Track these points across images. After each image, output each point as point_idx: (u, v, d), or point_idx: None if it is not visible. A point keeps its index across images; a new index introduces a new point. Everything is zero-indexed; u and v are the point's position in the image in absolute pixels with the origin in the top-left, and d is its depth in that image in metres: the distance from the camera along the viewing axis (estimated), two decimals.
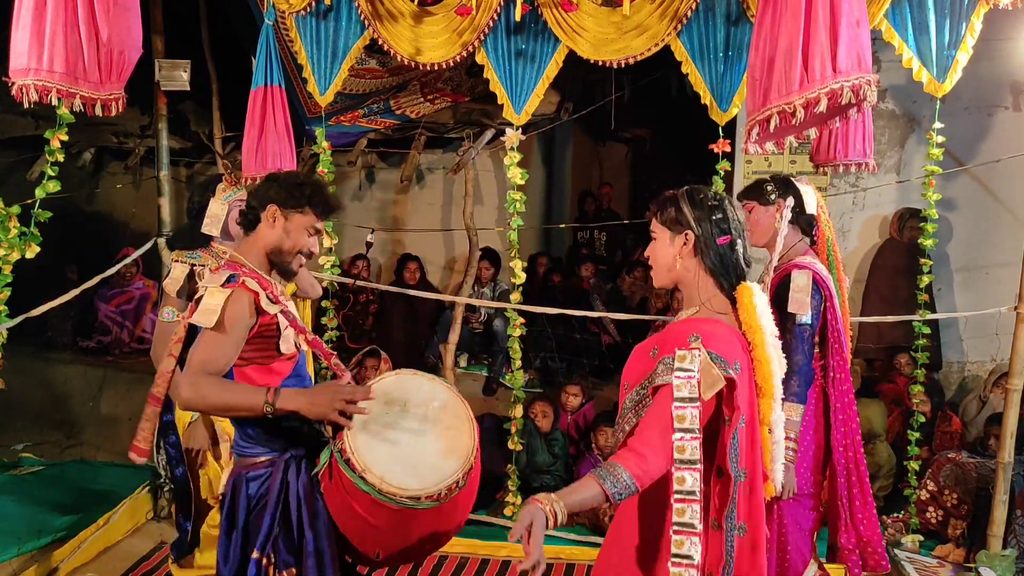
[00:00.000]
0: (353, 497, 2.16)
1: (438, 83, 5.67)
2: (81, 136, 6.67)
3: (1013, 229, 5.36)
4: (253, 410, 2.16)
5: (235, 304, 2.20)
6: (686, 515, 1.83)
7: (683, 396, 1.85)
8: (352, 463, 2.10)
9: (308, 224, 2.37)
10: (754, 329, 1.99)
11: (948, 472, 4.07)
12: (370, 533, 2.25)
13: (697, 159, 4.86)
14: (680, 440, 1.84)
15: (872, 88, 2.42)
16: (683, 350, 1.88)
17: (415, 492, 2.10)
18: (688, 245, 2.04)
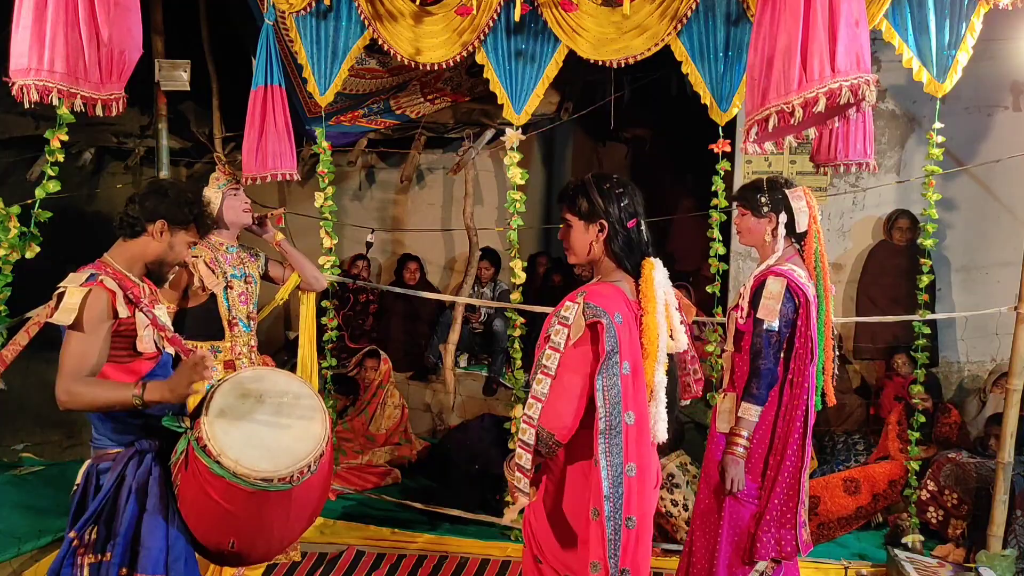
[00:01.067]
0: (208, 483, 2.24)
1: (438, 83, 5.67)
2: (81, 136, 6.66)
3: (1013, 229, 5.36)
4: (124, 404, 2.25)
5: (93, 302, 2.29)
6: (526, 435, 2.12)
7: (554, 341, 2.13)
8: (208, 448, 2.21)
9: (189, 239, 2.53)
10: (648, 298, 2.21)
11: (948, 472, 4.07)
12: (225, 520, 2.33)
13: (697, 159, 4.86)
14: (539, 374, 2.13)
15: (871, 88, 2.42)
16: (570, 302, 2.16)
17: (268, 474, 2.21)
18: (603, 232, 2.26)
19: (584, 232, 2.29)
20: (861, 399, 5.59)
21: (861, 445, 4.87)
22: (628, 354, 2.14)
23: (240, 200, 3.37)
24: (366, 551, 4.14)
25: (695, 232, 6.58)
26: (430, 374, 6.22)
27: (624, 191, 2.27)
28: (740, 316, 3.01)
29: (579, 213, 2.29)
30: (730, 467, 2.92)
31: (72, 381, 2.25)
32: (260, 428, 2.32)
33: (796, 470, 2.97)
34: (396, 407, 5.45)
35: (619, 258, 2.27)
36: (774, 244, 3.00)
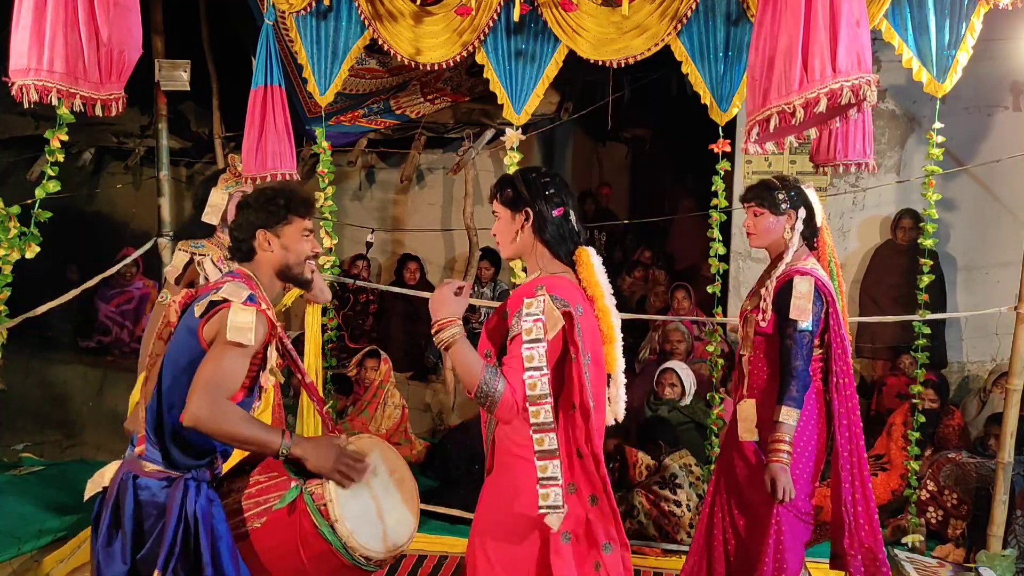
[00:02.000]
0: (306, 541, 2.18)
1: (438, 83, 5.68)
2: (81, 136, 6.67)
3: (1013, 229, 5.36)
4: (267, 448, 2.15)
5: (259, 325, 2.18)
6: (545, 444, 2.06)
7: (531, 338, 2.08)
8: (326, 511, 2.16)
9: (299, 231, 2.38)
10: (593, 284, 2.23)
11: (948, 472, 4.06)
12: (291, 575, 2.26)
13: (697, 159, 4.86)
14: (530, 378, 2.06)
15: (872, 88, 2.42)
16: (531, 299, 2.12)
17: (372, 553, 2.21)
18: (529, 221, 2.25)
19: (510, 222, 2.29)
20: (861, 398, 5.58)
21: None
22: (590, 345, 2.17)
23: None
24: None
25: (695, 232, 6.57)
26: (430, 374, 6.22)
27: (550, 181, 2.28)
28: (762, 319, 2.91)
29: (504, 202, 2.29)
30: (781, 475, 2.73)
31: (219, 398, 2.09)
32: (371, 504, 2.28)
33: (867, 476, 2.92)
34: (396, 407, 5.45)
35: (551, 247, 2.26)
36: (791, 242, 2.92)
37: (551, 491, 2.04)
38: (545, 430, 2.06)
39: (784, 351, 2.83)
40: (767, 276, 2.98)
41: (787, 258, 2.93)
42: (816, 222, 2.97)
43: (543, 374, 2.06)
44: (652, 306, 6.83)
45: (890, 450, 4.47)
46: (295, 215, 2.36)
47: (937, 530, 4.13)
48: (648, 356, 5.92)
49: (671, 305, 6.13)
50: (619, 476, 4.56)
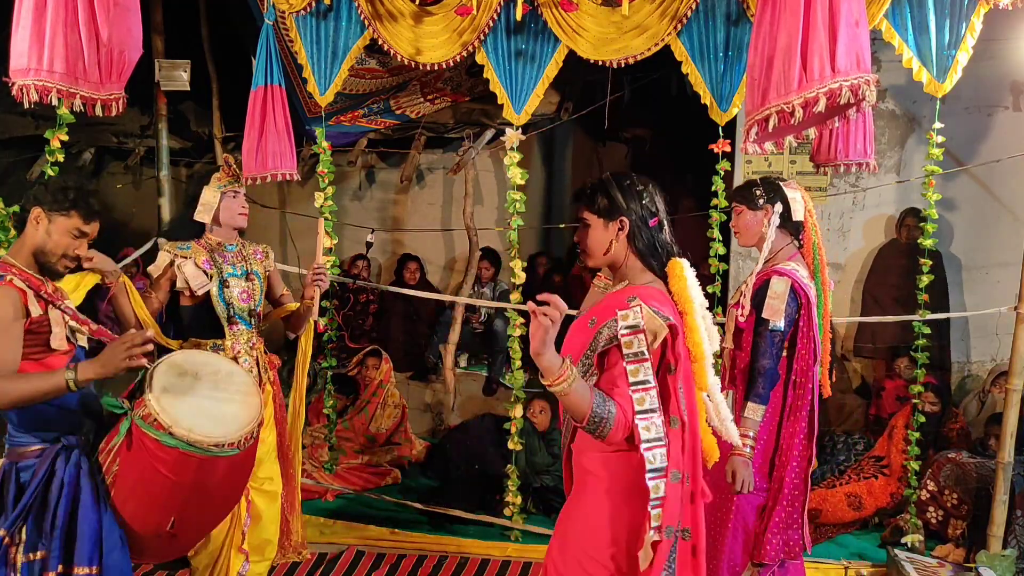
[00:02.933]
0: (157, 458, 2.29)
1: (438, 83, 5.67)
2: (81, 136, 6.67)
3: (1013, 229, 5.36)
4: (57, 390, 2.26)
5: (3, 301, 2.30)
6: (656, 461, 1.96)
7: (632, 352, 1.98)
8: (158, 422, 2.27)
9: (71, 227, 2.45)
10: (685, 299, 2.11)
11: (948, 472, 4.06)
12: (171, 496, 2.37)
13: (697, 159, 4.85)
14: (636, 393, 1.97)
15: (871, 88, 2.42)
16: (625, 310, 2.02)
17: (220, 439, 2.33)
18: (624, 231, 2.16)
19: (603, 230, 2.18)
20: (861, 399, 5.59)
21: (861, 445, 4.87)
22: (685, 361, 2.08)
23: (238, 203, 3.35)
24: (366, 551, 4.14)
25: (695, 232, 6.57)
26: (430, 374, 6.22)
27: (645, 189, 2.18)
28: (741, 314, 3.00)
29: (598, 211, 2.18)
30: (740, 469, 2.86)
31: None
32: (203, 401, 2.42)
33: (802, 471, 2.98)
34: (396, 407, 5.45)
35: (644, 258, 2.16)
36: (768, 235, 3.00)
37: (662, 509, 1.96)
38: (656, 446, 1.97)
39: (754, 348, 2.92)
40: (752, 273, 3.06)
41: (764, 252, 3.01)
42: (795, 217, 3.01)
43: (650, 387, 1.98)
44: None
45: (890, 453, 4.46)
46: (76, 211, 2.45)
47: (937, 530, 4.12)
48: None
49: None
50: None
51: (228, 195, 3.33)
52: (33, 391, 2.26)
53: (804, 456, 2.97)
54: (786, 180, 3.08)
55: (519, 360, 4.21)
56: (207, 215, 3.30)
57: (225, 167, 3.39)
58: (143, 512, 2.41)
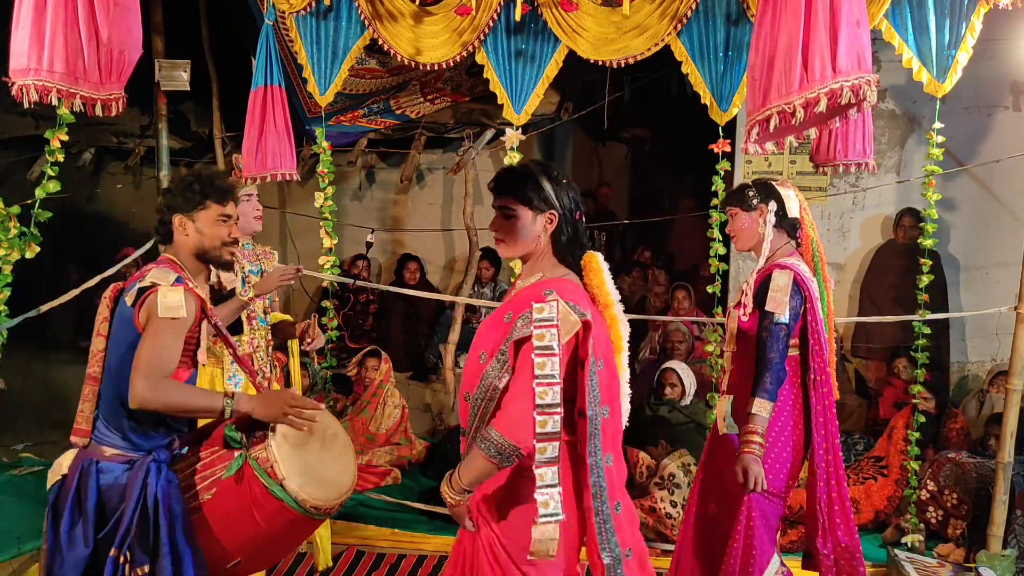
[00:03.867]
0: (258, 503, 2.28)
1: (438, 83, 5.67)
2: (81, 136, 6.67)
3: (1013, 229, 5.36)
4: (211, 412, 2.26)
5: (189, 303, 2.28)
6: (547, 452, 2.00)
7: (543, 345, 2.00)
8: (273, 472, 2.27)
9: (214, 216, 2.44)
10: (604, 292, 2.16)
11: (948, 472, 4.06)
12: (252, 540, 2.36)
13: (697, 159, 4.85)
14: (540, 386, 1.99)
15: (872, 88, 2.42)
16: (540, 303, 2.03)
17: (321, 502, 2.33)
18: (553, 224, 2.17)
19: (531, 223, 2.17)
20: (861, 399, 5.59)
21: (861, 445, 4.87)
22: (601, 350, 2.11)
23: (252, 206, 3.37)
24: (366, 551, 4.14)
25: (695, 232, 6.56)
26: (430, 374, 6.22)
27: (570, 182, 2.22)
28: (743, 314, 2.97)
29: (528, 203, 2.16)
30: (752, 466, 2.77)
31: (159, 377, 2.20)
32: (313, 458, 2.39)
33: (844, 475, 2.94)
34: (396, 407, 5.45)
35: (564, 251, 2.19)
36: (764, 235, 2.97)
37: (550, 499, 2.01)
38: (549, 439, 2.00)
39: (759, 343, 2.86)
40: (752, 273, 3.03)
41: (764, 252, 2.98)
42: (790, 215, 2.99)
43: (554, 382, 2.00)
44: (652, 306, 6.84)
45: (889, 454, 4.46)
46: (211, 200, 2.43)
47: (937, 530, 4.12)
48: (648, 356, 5.92)
49: (671, 305, 6.13)
50: None
51: (242, 199, 3.33)
52: (190, 403, 2.26)
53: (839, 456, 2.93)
54: (777, 179, 3.06)
55: None
56: None
57: (236, 170, 3.40)
58: (218, 545, 2.36)
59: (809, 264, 3.01)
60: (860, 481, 4.47)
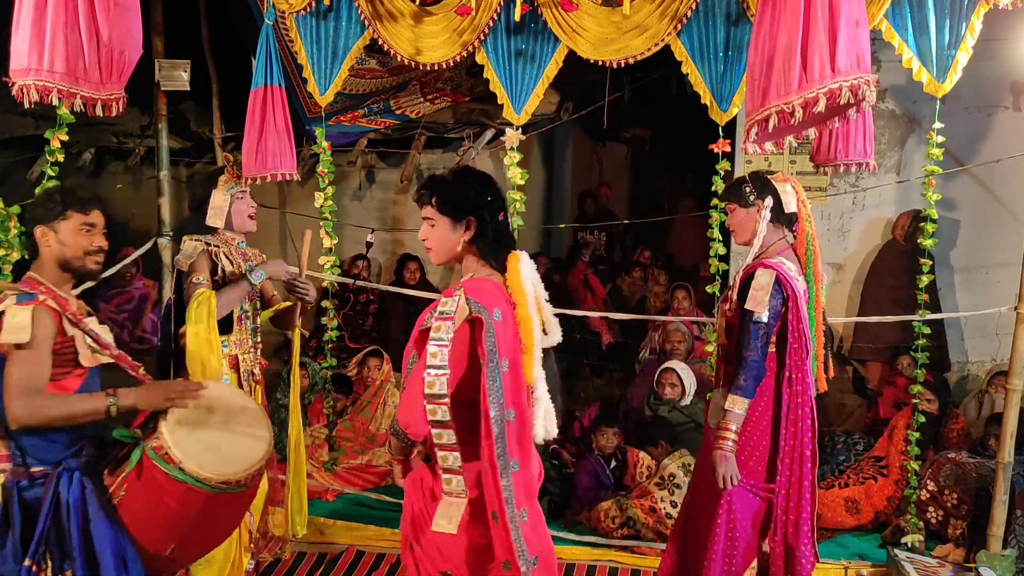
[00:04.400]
0: (165, 491, 2.33)
1: (438, 83, 5.67)
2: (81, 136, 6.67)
3: (1013, 229, 5.36)
4: (96, 414, 2.32)
5: (40, 319, 2.31)
6: (444, 438, 2.12)
7: (438, 337, 2.09)
8: (169, 456, 2.32)
9: (77, 225, 2.46)
10: (518, 291, 2.19)
11: (948, 472, 4.06)
12: (175, 525, 2.41)
13: (697, 159, 4.85)
14: (429, 376, 2.07)
15: (871, 88, 2.42)
16: (447, 298, 2.14)
17: (228, 477, 2.37)
18: (471, 230, 2.21)
19: (450, 231, 2.23)
20: (861, 399, 5.58)
21: (861, 445, 4.86)
22: (507, 351, 2.13)
23: (246, 204, 3.38)
24: (366, 551, 4.14)
25: (695, 232, 6.57)
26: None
27: (491, 184, 2.26)
28: (728, 309, 2.99)
29: (446, 210, 2.22)
30: (721, 463, 2.85)
31: (32, 396, 2.25)
32: (215, 435, 2.45)
33: (813, 472, 2.94)
34: (396, 407, 5.45)
35: (486, 254, 2.24)
36: (759, 230, 2.98)
37: (453, 477, 2.13)
38: (443, 427, 2.10)
39: (739, 341, 2.89)
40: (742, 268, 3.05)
41: (755, 248, 2.99)
42: (788, 210, 3.00)
43: (442, 373, 2.07)
44: (652, 306, 6.84)
45: (890, 454, 4.46)
46: (72, 210, 2.45)
47: (937, 530, 4.12)
48: (648, 356, 5.92)
49: (671, 305, 6.13)
50: (619, 477, 4.56)
51: (236, 198, 3.35)
52: (72, 411, 2.31)
53: (814, 456, 2.93)
54: (774, 174, 3.06)
55: None
56: (219, 219, 3.32)
57: (229, 168, 3.40)
58: (145, 538, 2.42)
59: (802, 258, 3.01)
60: (860, 481, 4.46)
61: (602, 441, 4.63)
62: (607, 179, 9.56)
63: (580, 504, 4.48)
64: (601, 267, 7.57)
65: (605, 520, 4.24)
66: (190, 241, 3.27)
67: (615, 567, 4.09)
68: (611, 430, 4.63)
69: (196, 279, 3.14)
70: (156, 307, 6.56)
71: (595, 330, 6.37)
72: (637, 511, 4.21)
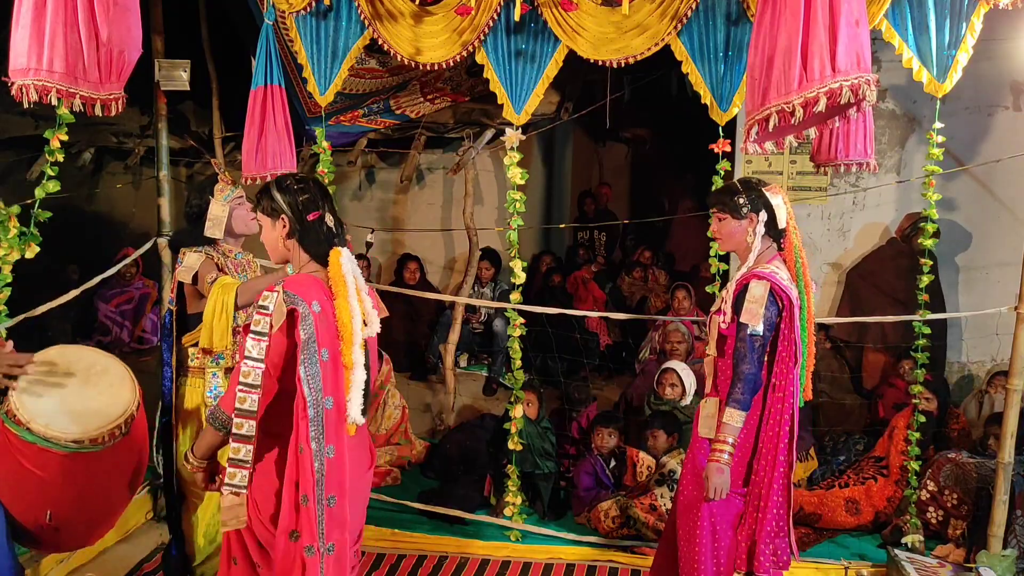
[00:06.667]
0: (21, 453, 2.38)
1: (438, 83, 5.67)
2: (81, 136, 6.66)
3: (1013, 229, 5.35)
4: None
5: None
6: (243, 428, 2.20)
7: (256, 330, 2.22)
8: (18, 418, 2.36)
9: None
10: (337, 283, 2.31)
11: (948, 472, 4.06)
12: (41, 490, 2.43)
13: (697, 159, 4.85)
14: (246, 366, 2.19)
15: (871, 88, 2.42)
16: (267, 292, 2.25)
17: (78, 436, 2.39)
18: (286, 228, 2.39)
19: (271, 229, 2.43)
20: (861, 399, 5.58)
21: (861, 445, 4.87)
22: (326, 341, 2.25)
23: (245, 210, 3.37)
24: (366, 551, 4.14)
25: (695, 232, 6.57)
26: (430, 374, 6.22)
27: (304, 186, 2.41)
28: (723, 320, 2.97)
29: (264, 210, 2.44)
30: (714, 476, 2.84)
31: None
32: (70, 396, 2.48)
33: (786, 476, 2.95)
34: (396, 407, 5.45)
35: (307, 249, 2.39)
36: (753, 245, 2.97)
37: (238, 471, 2.21)
38: (247, 417, 2.19)
39: (735, 354, 2.88)
40: (732, 279, 3.03)
41: (749, 261, 2.97)
42: (779, 224, 2.98)
43: (256, 364, 2.19)
44: (652, 306, 6.84)
45: (889, 454, 4.46)
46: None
47: (937, 530, 4.13)
48: (648, 356, 5.92)
49: (671, 305, 6.13)
50: (619, 477, 4.56)
51: (235, 205, 3.34)
52: None
53: (788, 462, 2.94)
54: (767, 184, 3.02)
55: (519, 360, 4.21)
56: (219, 230, 3.29)
57: (222, 176, 3.39)
58: (18, 505, 2.45)
59: (791, 269, 2.99)
60: (860, 481, 4.47)
61: (600, 441, 4.63)
62: (607, 179, 9.56)
63: (580, 504, 4.48)
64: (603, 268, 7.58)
65: (605, 520, 4.24)
66: (191, 253, 3.25)
67: (615, 567, 4.09)
68: (607, 429, 4.63)
69: (210, 278, 3.13)
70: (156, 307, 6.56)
71: (593, 331, 6.36)
72: (637, 511, 4.21)
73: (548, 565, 4.10)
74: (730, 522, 2.99)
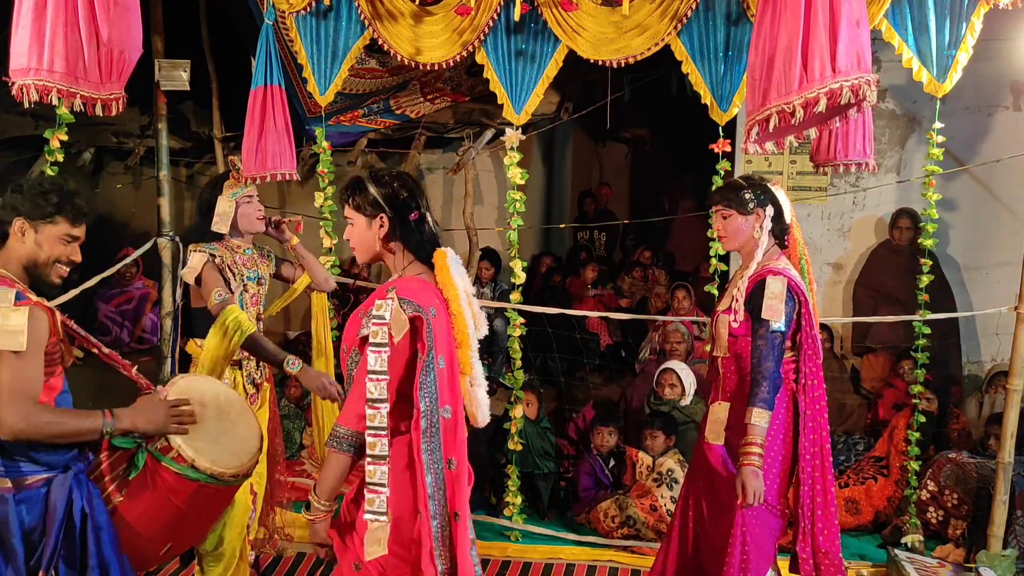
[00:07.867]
0: (174, 491, 2.30)
1: (438, 83, 5.67)
2: (81, 136, 6.66)
3: (1013, 229, 5.35)
4: (92, 434, 2.20)
5: (35, 322, 2.14)
6: (376, 448, 2.06)
7: (375, 342, 2.08)
8: (180, 457, 2.29)
9: (60, 233, 2.28)
10: (448, 287, 2.21)
11: (948, 472, 4.06)
12: (176, 524, 2.37)
13: (697, 159, 4.85)
14: (370, 382, 2.07)
15: (872, 88, 2.42)
16: (381, 300, 2.12)
17: (236, 469, 2.39)
18: (384, 227, 2.24)
19: (366, 228, 2.27)
20: (861, 399, 5.58)
21: (861, 445, 4.87)
22: (443, 348, 2.15)
23: (254, 207, 3.38)
24: None
25: (695, 232, 6.56)
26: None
27: (403, 184, 2.27)
28: (734, 320, 2.90)
29: (359, 209, 2.27)
30: (751, 480, 2.72)
31: (29, 406, 2.11)
32: (214, 430, 2.43)
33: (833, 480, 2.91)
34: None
35: (408, 251, 2.27)
36: (761, 241, 2.92)
37: (376, 497, 2.06)
38: (378, 435, 2.06)
39: (755, 352, 2.81)
40: (739, 277, 2.97)
41: (758, 258, 2.91)
42: (785, 219, 2.96)
43: (381, 378, 2.06)
44: (652, 306, 6.83)
45: (889, 454, 4.46)
46: (63, 216, 2.29)
47: (937, 530, 4.13)
48: (648, 356, 5.92)
49: (671, 305, 6.12)
50: (618, 476, 4.56)
51: (243, 202, 3.34)
52: (66, 428, 2.17)
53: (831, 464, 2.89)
54: (769, 179, 3.01)
55: (519, 360, 4.21)
56: (225, 225, 3.30)
57: (234, 173, 3.40)
58: (144, 540, 2.35)
59: (796, 267, 2.97)
60: (860, 481, 4.47)
61: (600, 441, 4.63)
62: (607, 179, 9.55)
63: (580, 504, 4.48)
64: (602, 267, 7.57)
65: (605, 520, 4.25)
66: (196, 253, 3.25)
67: (615, 567, 4.09)
68: (607, 429, 4.63)
69: (218, 296, 3.12)
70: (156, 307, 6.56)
71: (594, 331, 6.36)
72: (637, 510, 4.21)
73: (548, 565, 4.10)
74: (766, 538, 2.89)
